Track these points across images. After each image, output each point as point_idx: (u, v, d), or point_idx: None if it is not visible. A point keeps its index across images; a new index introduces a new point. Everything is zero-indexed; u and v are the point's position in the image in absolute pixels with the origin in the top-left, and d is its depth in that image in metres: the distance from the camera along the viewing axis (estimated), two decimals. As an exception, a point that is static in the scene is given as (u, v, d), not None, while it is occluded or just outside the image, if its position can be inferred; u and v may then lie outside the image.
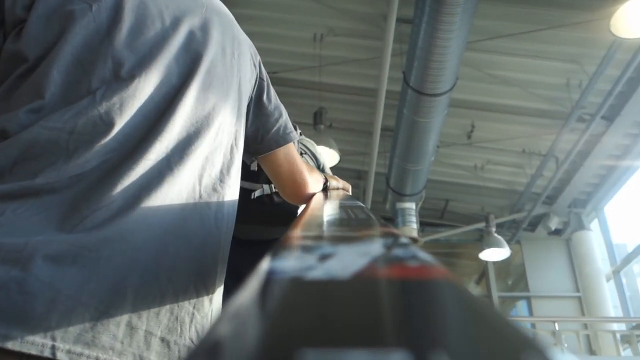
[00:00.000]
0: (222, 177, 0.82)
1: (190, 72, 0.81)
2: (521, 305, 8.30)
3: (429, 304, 0.25)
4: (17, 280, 0.56)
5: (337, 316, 0.23)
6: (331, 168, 5.25)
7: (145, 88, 0.74)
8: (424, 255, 0.32)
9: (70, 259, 0.60)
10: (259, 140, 1.01)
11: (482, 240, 6.77)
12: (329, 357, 0.19)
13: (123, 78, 0.73)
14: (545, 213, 6.85)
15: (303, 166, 1.09)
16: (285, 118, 1.05)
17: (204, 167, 0.79)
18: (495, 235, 6.25)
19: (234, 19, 0.98)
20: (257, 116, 1.00)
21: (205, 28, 0.87)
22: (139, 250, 0.66)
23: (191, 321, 0.72)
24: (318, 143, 4.87)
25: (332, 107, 5.56)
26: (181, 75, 0.79)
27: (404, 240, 0.38)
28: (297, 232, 0.46)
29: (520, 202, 6.78)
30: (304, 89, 5.77)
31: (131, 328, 0.64)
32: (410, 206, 5.95)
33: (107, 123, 0.69)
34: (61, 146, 0.66)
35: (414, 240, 5.97)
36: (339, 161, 5.19)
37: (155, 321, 0.67)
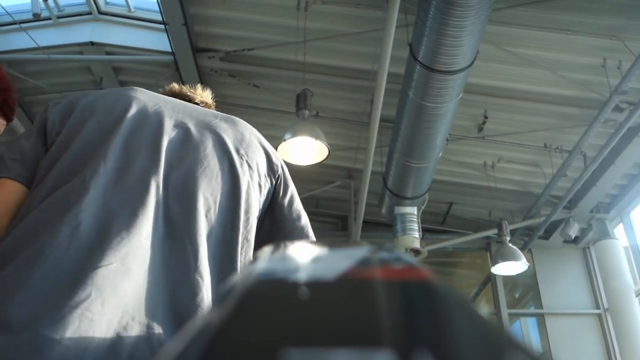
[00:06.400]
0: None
1: (177, 161, 0.96)
2: (526, 322, 7.40)
3: (414, 304, 0.26)
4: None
5: (322, 316, 0.24)
6: (318, 164, 4.26)
7: (131, 176, 0.91)
8: (409, 258, 0.33)
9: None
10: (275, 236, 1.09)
11: (492, 250, 5.87)
12: (314, 357, 0.19)
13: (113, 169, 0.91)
14: (563, 219, 5.95)
15: None
16: (305, 222, 1.13)
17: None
18: (510, 245, 5.33)
19: (252, 131, 1.15)
20: (280, 217, 1.10)
21: (205, 128, 1.05)
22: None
23: None
24: (302, 132, 3.85)
25: (318, 93, 4.58)
26: (172, 162, 0.96)
27: (388, 246, 0.37)
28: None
29: (536, 206, 5.86)
30: (284, 70, 4.81)
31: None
32: (412, 211, 5.01)
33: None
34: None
35: (415, 252, 5.02)
36: (327, 157, 4.23)
37: None
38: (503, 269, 5.43)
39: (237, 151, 1.04)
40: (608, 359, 6.12)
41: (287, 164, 4.24)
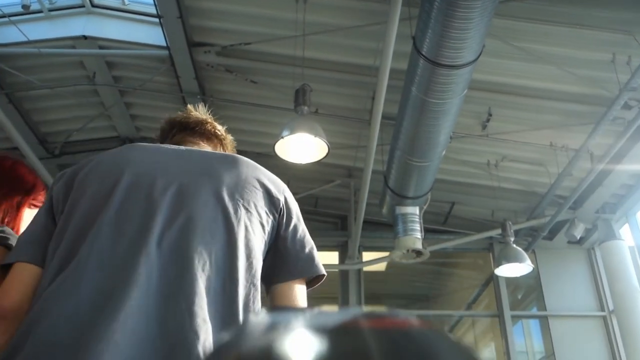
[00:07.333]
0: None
1: (174, 223, 0.99)
2: (529, 324, 7.27)
3: (408, 350, 0.26)
4: None
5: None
6: (317, 162, 4.10)
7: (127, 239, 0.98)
8: (406, 313, 0.33)
9: None
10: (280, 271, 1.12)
11: (495, 251, 5.73)
12: None
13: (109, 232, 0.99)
14: (568, 219, 5.81)
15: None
16: (309, 251, 1.14)
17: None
18: (514, 246, 5.19)
19: (250, 168, 1.15)
20: (283, 250, 1.12)
21: (200, 178, 1.07)
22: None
23: None
24: (301, 129, 3.68)
25: (318, 89, 4.44)
26: (164, 223, 0.99)
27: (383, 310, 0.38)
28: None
29: (540, 206, 5.72)
30: (283, 65, 4.66)
31: None
32: (413, 211, 4.87)
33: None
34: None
35: (418, 253, 4.88)
36: (326, 155, 4.08)
37: None
38: (507, 270, 5.29)
39: (232, 197, 1.05)
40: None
41: (285, 162, 4.00)
